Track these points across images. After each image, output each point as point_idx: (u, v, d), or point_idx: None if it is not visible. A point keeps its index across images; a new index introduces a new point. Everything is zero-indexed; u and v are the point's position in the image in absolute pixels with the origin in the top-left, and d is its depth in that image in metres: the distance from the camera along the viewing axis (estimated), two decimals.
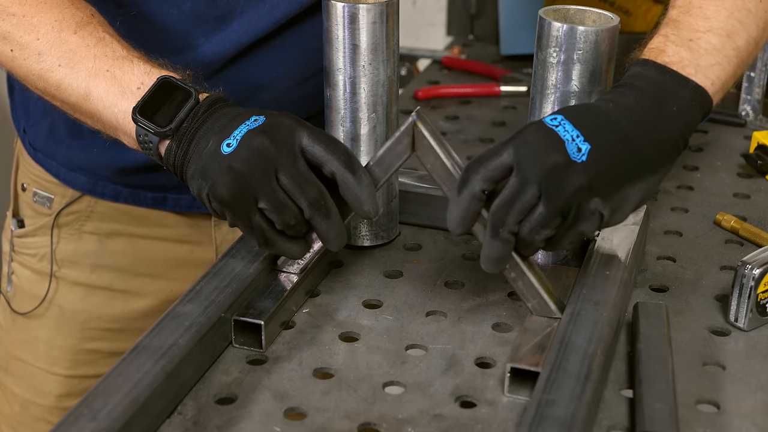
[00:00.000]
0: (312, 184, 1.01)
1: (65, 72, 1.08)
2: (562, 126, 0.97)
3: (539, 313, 1.04)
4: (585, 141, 0.96)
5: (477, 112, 1.65)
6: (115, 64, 1.08)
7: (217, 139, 1.02)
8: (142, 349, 0.94)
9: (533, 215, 0.96)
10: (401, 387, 0.99)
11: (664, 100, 1.02)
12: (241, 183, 1.00)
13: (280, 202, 1.00)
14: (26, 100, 1.39)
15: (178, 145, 1.04)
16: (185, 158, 1.04)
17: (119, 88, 1.07)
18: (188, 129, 1.04)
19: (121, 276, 1.39)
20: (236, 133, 1.01)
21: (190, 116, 1.04)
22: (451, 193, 1.00)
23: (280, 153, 1.00)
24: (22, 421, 1.44)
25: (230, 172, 1.00)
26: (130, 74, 1.07)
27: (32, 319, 1.41)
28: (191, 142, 1.04)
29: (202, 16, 1.25)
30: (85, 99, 1.08)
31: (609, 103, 1.01)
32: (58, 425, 0.86)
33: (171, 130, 1.04)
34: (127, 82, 1.07)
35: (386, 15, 1.12)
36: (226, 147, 1.01)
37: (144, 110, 1.05)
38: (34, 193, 1.40)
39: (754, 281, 1.06)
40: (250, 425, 0.93)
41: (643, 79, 1.03)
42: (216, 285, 1.03)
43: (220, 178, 1.00)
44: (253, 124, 1.02)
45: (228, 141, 1.01)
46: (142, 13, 1.24)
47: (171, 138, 1.05)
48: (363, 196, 1.02)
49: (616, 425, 0.95)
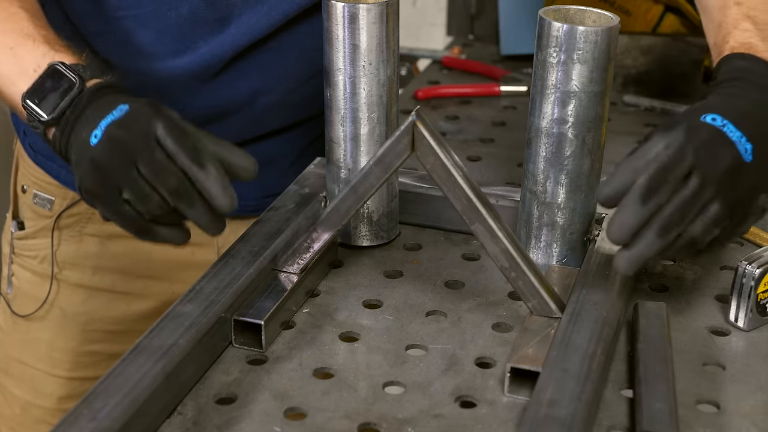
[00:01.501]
0: (170, 173, 0.97)
1: None
2: (727, 127, 0.97)
3: (539, 313, 1.04)
4: (748, 141, 0.97)
5: (477, 112, 1.65)
6: (18, 41, 1.08)
7: (87, 131, 1.01)
8: (142, 349, 0.94)
9: (707, 213, 0.96)
10: (401, 387, 0.99)
11: None
12: (102, 174, 0.99)
13: (142, 191, 0.98)
14: None
15: (61, 134, 1.04)
16: (66, 147, 1.04)
17: (18, 69, 1.07)
18: (69, 118, 1.03)
19: (122, 278, 1.39)
20: (102, 123, 1.00)
21: (72, 105, 1.03)
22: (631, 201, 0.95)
23: (137, 143, 0.98)
24: (22, 423, 1.44)
25: (92, 164, 0.99)
26: (29, 54, 1.07)
27: (33, 322, 1.41)
28: (71, 133, 1.03)
29: (201, 19, 1.25)
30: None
31: (747, 100, 1.01)
32: (58, 425, 0.86)
33: (54, 119, 1.04)
34: (26, 64, 1.07)
35: (386, 15, 1.12)
36: (93, 139, 1.00)
37: (32, 96, 1.05)
38: (34, 195, 1.40)
39: (754, 281, 1.06)
40: (250, 425, 0.93)
41: (755, 74, 1.03)
42: (216, 285, 1.03)
43: (86, 169, 0.99)
44: (117, 114, 1.00)
45: (95, 132, 1.00)
46: (140, 15, 1.24)
47: (55, 126, 1.04)
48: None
49: (616, 425, 0.95)
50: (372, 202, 1.19)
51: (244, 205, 1.37)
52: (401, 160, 1.05)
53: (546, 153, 1.11)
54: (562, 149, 1.11)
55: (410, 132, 1.03)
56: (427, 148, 1.03)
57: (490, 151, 1.51)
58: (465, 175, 1.04)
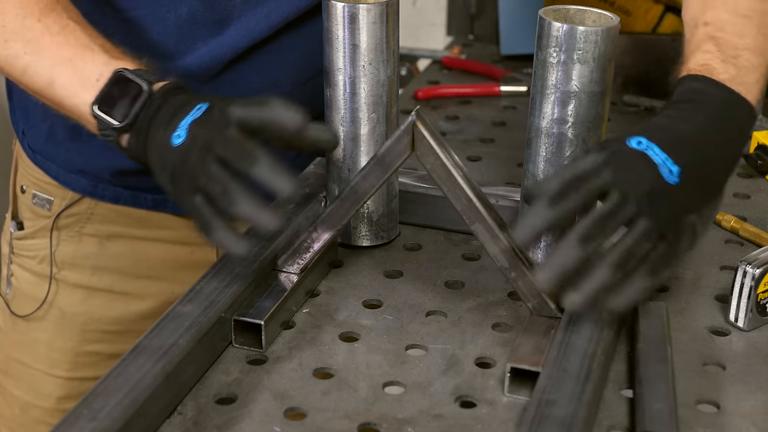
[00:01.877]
0: (241, 144, 0.98)
1: (30, 59, 1.10)
2: (651, 150, 0.97)
3: (539, 313, 1.04)
4: (674, 164, 0.97)
5: (477, 112, 1.65)
6: (76, 53, 1.09)
7: (167, 133, 1.02)
8: (142, 349, 0.94)
9: (636, 228, 0.96)
10: (401, 387, 0.99)
11: (730, 119, 1.04)
12: (184, 168, 0.99)
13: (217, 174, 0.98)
14: (25, 103, 1.39)
15: (136, 139, 1.05)
16: (145, 151, 1.04)
17: (80, 79, 1.08)
18: (142, 123, 1.04)
19: (121, 278, 1.39)
20: (182, 124, 1.01)
21: (144, 109, 1.04)
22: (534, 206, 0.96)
23: (213, 128, 0.99)
24: (22, 423, 1.44)
25: (180, 161, 1.00)
26: (90, 65, 1.08)
27: (32, 322, 1.41)
28: (147, 136, 1.04)
29: (200, 21, 1.25)
30: (49, 87, 1.10)
31: (684, 123, 1.01)
32: (58, 425, 0.86)
33: (127, 125, 1.05)
34: (87, 74, 1.08)
35: (386, 15, 1.12)
36: (176, 139, 1.01)
37: (102, 105, 1.06)
38: (33, 195, 1.40)
39: (754, 281, 1.06)
40: (250, 425, 0.93)
41: (708, 96, 1.04)
42: (216, 285, 1.03)
43: (175, 168, 1.00)
44: (197, 113, 1.02)
45: (177, 133, 1.01)
46: (140, 16, 1.24)
47: (129, 132, 1.05)
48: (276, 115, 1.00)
49: (616, 425, 0.95)
50: (372, 202, 1.19)
51: None
52: (401, 160, 1.05)
53: (546, 153, 1.11)
54: (562, 149, 1.11)
55: (410, 132, 1.03)
56: (427, 148, 1.03)
57: (490, 151, 1.51)
58: (465, 175, 1.04)
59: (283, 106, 1.00)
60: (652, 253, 0.96)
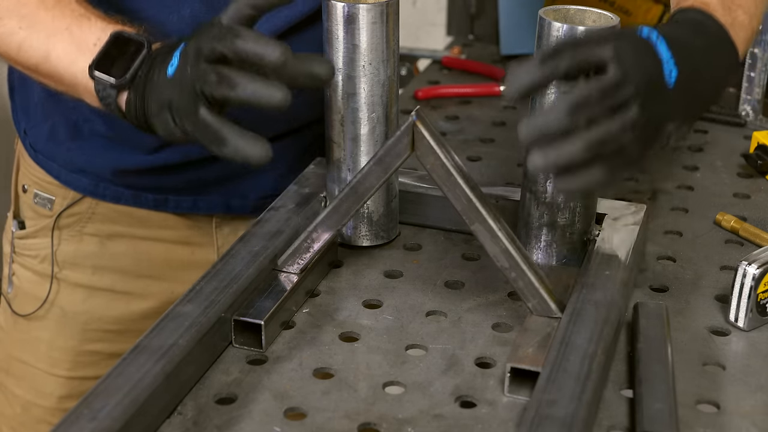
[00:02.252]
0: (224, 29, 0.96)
1: (25, 34, 1.10)
2: (660, 44, 0.94)
3: (539, 313, 1.04)
4: (675, 65, 0.94)
5: (477, 112, 1.65)
6: (73, 22, 1.09)
7: (163, 69, 1.01)
8: (142, 349, 0.95)
9: (626, 113, 0.90)
10: (401, 387, 0.99)
11: (722, 54, 1.04)
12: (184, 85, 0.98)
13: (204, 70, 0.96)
14: (27, 102, 1.39)
15: (135, 94, 1.04)
16: (144, 103, 1.03)
17: (77, 46, 1.08)
18: (141, 78, 1.04)
19: (122, 278, 1.39)
20: (176, 53, 1.01)
21: (144, 65, 1.04)
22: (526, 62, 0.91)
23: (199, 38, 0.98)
24: (23, 422, 1.44)
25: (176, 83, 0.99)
26: (87, 31, 1.08)
27: (33, 321, 1.41)
28: (145, 86, 1.03)
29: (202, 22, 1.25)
30: (45, 60, 1.09)
31: (689, 37, 0.99)
32: (58, 425, 0.86)
33: (126, 80, 1.04)
34: (84, 39, 1.08)
35: (386, 15, 1.12)
36: (170, 69, 1.00)
37: (100, 65, 1.05)
38: (34, 194, 1.40)
39: (754, 281, 1.06)
40: (250, 425, 0.93)
41: (708, 28, 1.03)
42: (216, 285, 1.03)
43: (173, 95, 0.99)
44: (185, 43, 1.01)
45: (171, 62, 1.00)
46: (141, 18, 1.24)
47: (128, 89, 1.05)
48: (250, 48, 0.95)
49: (616, 425, 0.95)
50: (372, 202, 1.19)
51: (243, 207, 1.38)
52: (401, 160, 1.05)
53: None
54: None
55: (410, 132, 1.03)
56: (427, 148, 1.03)
57: (490, 151, 1.51)
58: (465, 175, 1.04)
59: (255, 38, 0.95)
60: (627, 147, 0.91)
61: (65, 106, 1.33)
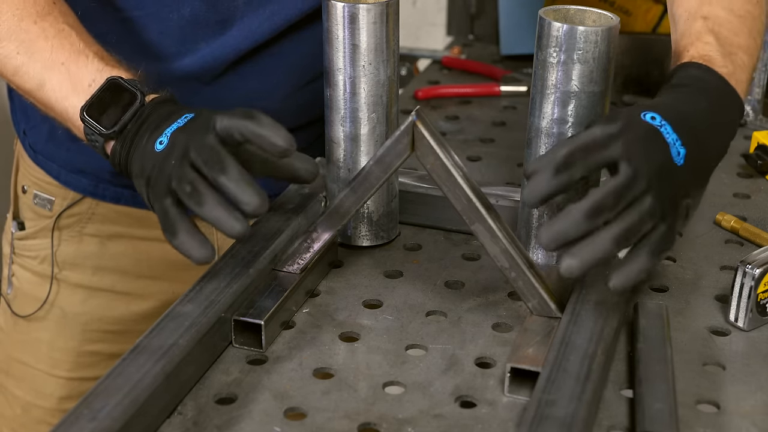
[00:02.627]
0: (215, 152, 0.98)
1: (23, 60, 1.10)
2: (664, 128, 0.97)
3: (539, 313, 1.04)
4: (683, 146, 0.97)
5: (477, 112, 1.65)
6: (70, 58, 1.09)
7: (151, 138, 1.03)
8: (142, 349, 0.95)
9: (642, 205, 0.94)
10: (401, 387, 0.99)
11: (727, 111, 1.05)
12: (161, 171, 1.00)
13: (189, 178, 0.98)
14: (26, 103, 1.39)
15: (121, 146, 1.06)
16: (127, 158, 1.05)
17: (71, 83, 1.09)
18: (130, 131, 1.05)
19: (122, 278, 1.39)
20: (167, 131, 1.02)
21: (134, 119, 1.05)
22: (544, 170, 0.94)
23: (193, 135, 1.00)
24: (23, 423, 1.44)
25: (159, 166, 1.00)
26: (84, 70, 1.09)
27: (33, 322, 1.41)
28: (131, 145, 1.05)
29: (203, 21, 1.25)
30: (39, 88, 1.10)
31: (689, 106, 1.02)
32: (58, 425, 0.86)
33: (115, 132, 1.05)
34: (80, 78, 1.08)
35: (386, 15, 1.12)
36: (158, 145, 1.02)
37: (91, 110, 1.06)
38: (34, 195, 1.40)
39: (754, 281, 1.06)
40: (250, 425, 0.93)
41: (709, 84, 1.05)
42: (216, 285, 1.04)
43: (153, 173, 1.01)
44: (182, 122, 1.03)
45: (160, 139, 1.02)
46: (141, 16, 1.24)
47: (115, 140, 1.06)
48: (266, 132, 0.99)
49: (616, 425, 0.95)
50: (372, 202, 1.19)
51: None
52: (401, 160, 1.05)
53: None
54: None
55: (410, 132, 1.03)
56: (427, 148, 1.03)
57: (490, 151, 1.51)
58: (465, 175, 1.04)
59: (272, 124, 1.00)
60: (653, 233, 0.95)
61: None
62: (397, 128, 1.05)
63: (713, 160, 1.04)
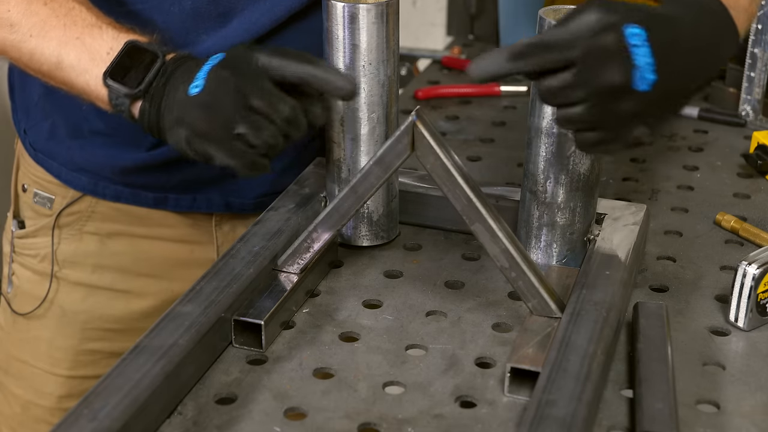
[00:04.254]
0: (282, 100, 1.02)
1: (37, 42, 1.11)
2: (641, 48, 0.96)
3: (539, 313, 1.04)
4: (654, 72, 0.96)
5: (477, 112, 1.65)
6: (84, 31, 1.10)
7: (184, 86, 1.04)
8: (142, 349, 0.94)
9: (573, 109, 0.97)
10: (401, 387, 0.99)
11: (721, 36, 1.04)
12: (216, 113, 1.02)
13: (257, 123, 1.01)
14: (27, 102, 1.39)
15: (150, 104, 1.07)
16: (158, 114, 1.06)
17: (89, 55, 1.09)
18: (156, 88, 1.06)
19: (122, 276, 1.39)
20: (200, 74, 1.04)
21: (158, 76, 1.07)
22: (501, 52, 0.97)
23: (245, 78, 1.02)
24: (22, 422, 1.44)
25: (203, 107, 1.02)
26: (99, 40, 1.10)
27: (33, 320, 1.41)
28: (162, 98, 1.06)
29: (204, 14, 1.25)
30: (57, 67, 1.11)
31: (687, 26, 1.00)
32: (58, 425, 0.86)
33: (140, 91, 1.06)
34: (97, 49, 1.09)
35: (386, 15, 1.12)
36: (193, 89, 1.03)
37: (114, 74, 1.07)
38: (34, 193, 1.40)
39: (754, 281, 1.06)
40: (250, 425, 0.93)
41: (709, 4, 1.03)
42: (216, 285, 1.03)
43: (196, 116, 1.02)
44: (214, 61, 1.04)
45: (194, 83, 1.03)
46: (143, 9, 1.24)
47: (142, 98, 1.07)
48: (331, 77, 1.02)
49: (616, 425, 0.95)
50: (372, 202, 1.19)
51: (243, 205, 1.38)
52: (401, 160, 1.05)
53: (546, 153, 1.11)
54: (562, 149, 1.11)
55: (410, 132, 1.03)
56: (427, 148, 1.03)
57: (490, 151, 1.51)
58: (465, 175, 1.04)
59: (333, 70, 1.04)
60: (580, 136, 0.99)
61: (65, 105, 1.33)
62: (397, 128, 1.05)
63: (692, 86, 1.02)
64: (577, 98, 0.96)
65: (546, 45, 0.96)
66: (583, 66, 0.95)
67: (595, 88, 0.95)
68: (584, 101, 0.96)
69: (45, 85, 1.35)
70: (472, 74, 0.98)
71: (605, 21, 0.96)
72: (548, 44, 0.96)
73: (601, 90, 0.96)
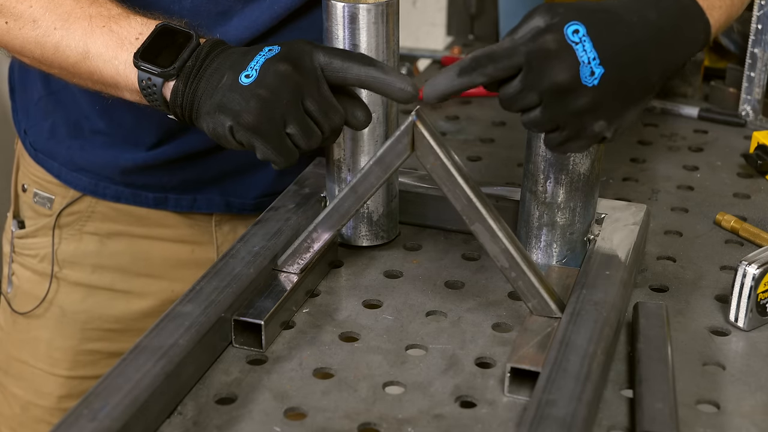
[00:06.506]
0: (336, 111, 1.03)
1: (62, 34, 1.09)
2: (582, 44, 0.97)
3: (539, 313, 1.04)
4: (600, 65, 0.97)
5: (477, 112, 1.65)
6: (111, 20, 1.09)
7: (233, 73, 1.03)
8: (142, 349, 0.94)
9: (532, 113, 0.98)
10: (401, 387, 0.99)
11: (682, 26, 1.03)
12: (270, 108, 1.01)
13: (308, 127, 1.03)
14: (27, 102, 1.39)
15: (185, 85, 1.05)
16: (195, 96, 1.05)
17: (118, 41, 1.08)
18: (193, 68, 1.05)
19: (121, 276, 1.39)
20: (253, 63, 1.03)
21: (193, 56, 1.05)
22: (450, 70, 0.99)
23: (304, 78, 1.02)
24: (22, 422, 1.44)
25: (258, 99, 1.01)
26: (128, 27, 1.08)
27: (33, 320, 1.41)
28: (201, 80, 1.04)
29: (203, 12, 1.25)
30: (84, 57, 1.09)
31: (633, 17, 1.00)
32: (58, 425, 0.86)
33: (175, 69, 1.05)
34: (125, 35, 1.08)
35: (386, 15, 1.12)
36: (245, 78, 1.02)
37: (145, 55, 1.06)
38: (34, 193, 1.40)
39: (754, 281, 1.06)
40: (250, 425, 0.93)
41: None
42: (216, 285, 1.03)
43: (247, 106, 1.01)
44: (269, 53, 1.03)
45: (246, 72, 1.02)
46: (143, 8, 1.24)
47: (176, 78, 1.05)
48: (392, 79, 1.03)
49: (616, 425, 0.95)
50: (372, 202, 1.19)
51: (243, 205, 1.38)
52: (401, 160, 1.05)
53: (546, 153, 1.11)
54: None
55: (410, 132, 1.03)
56: (427, 148, 1.03)
57: (490, 151, 1.51)
58: (465, 175, 1.04)
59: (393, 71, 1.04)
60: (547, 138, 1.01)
61: (65, 105, 1.33)
62: (397, 128, 1.05)
63: (654, 77, 1.01)
64: (532, 102, 0.98)
65: (491, 56, 0.97)
66: (529, 70, 0.96)
67: (545, 89, 0.97)
68: (539, 104, 0.98)
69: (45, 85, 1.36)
70: (426, 98, 0.99)
71: (546, 23, 0.98)
72: (493, 55, 0.97)
73: (551, 90, 0.97)
